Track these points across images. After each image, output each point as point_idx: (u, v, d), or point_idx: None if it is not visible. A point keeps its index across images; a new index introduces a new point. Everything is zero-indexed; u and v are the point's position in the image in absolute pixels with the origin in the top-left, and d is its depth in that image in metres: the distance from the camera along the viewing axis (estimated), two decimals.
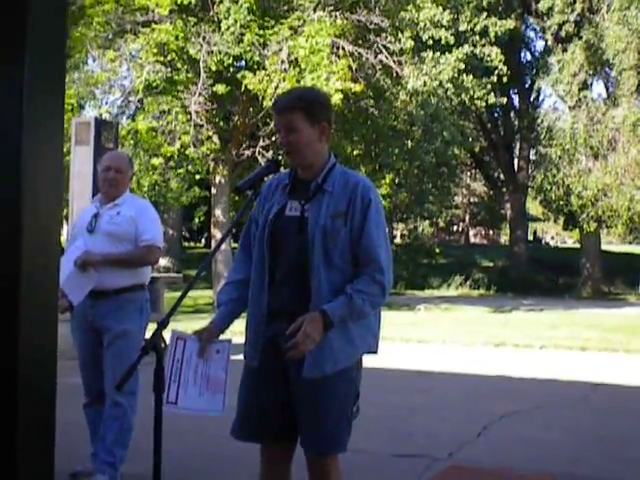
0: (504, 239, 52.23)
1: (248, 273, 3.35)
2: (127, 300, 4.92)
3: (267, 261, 3.25)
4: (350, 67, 16.28)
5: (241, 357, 3.38)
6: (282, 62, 16.26)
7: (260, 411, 3.27)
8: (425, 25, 18.46)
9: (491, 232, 59.61)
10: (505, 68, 19.86)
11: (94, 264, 4.82)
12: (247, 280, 3.34)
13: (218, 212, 19.46)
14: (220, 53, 16.63)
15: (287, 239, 3.24)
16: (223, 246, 17.55)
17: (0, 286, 1.66)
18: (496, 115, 34.35)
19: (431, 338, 13.74)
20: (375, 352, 3.36)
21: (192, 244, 45.71)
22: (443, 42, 18.56)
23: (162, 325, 2.72)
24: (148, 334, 3.25)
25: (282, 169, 3.47)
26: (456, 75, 18.85)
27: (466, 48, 19.55)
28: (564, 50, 27.03)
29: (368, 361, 3.40)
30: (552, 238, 67.09)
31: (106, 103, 20.00)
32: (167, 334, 2.83)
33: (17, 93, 1.66)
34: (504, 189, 36.40)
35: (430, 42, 18.71)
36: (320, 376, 3.17)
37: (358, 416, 3.34)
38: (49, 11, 1.76)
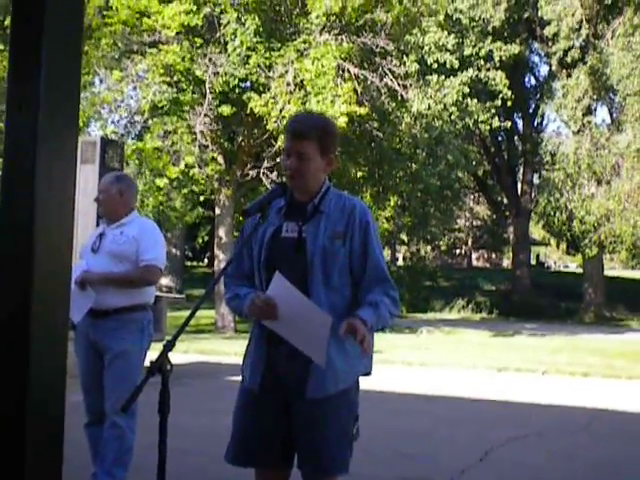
0: (506, 263, 52.25)
1: (248, 284, 3.34)
2: (128, 320, 4.91)
3: (265, 283, 3.23)
4: (355, 90, 16.36)
5: (239, 379, 3.37)
6: (288, 84, 16.33)
7: (258, 436, 3.24)
8: (430, 49, 18.58)
9: (494, 255, 59.60)
10: (509, 92, 19.94)
11: (91, 283, 4.83)
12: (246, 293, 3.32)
13: (222, 232, 19.48)
14: (226, 74, 16.72)
15: (285, 260, 3.21)
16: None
17: (11, 308, 1.68)
18: (500, 139, 34.50)
19: (433, 361, 13.71)
20: (369, 373, 3.36)
21: (195, 263, 45.72)
22: (448, 66, 18.66)
23: (168, 347, 2.71)
24: (152, 355, 3.24)
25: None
26: (460, 99, 18.93)
27: (471, 72, 19.66)
28: (568, 75, 27.15)
29: (370, 384, 3.40)
30: (554, 263, 67.04)
31: (112, 123, 20.10)
32: (175, 356, 2.83)
33: (32, 116, 1.68)
34: (507, 213, 36.49)
35: (435, 66, 18.80)
36: (323, 396, 3.17)
37: (359, 438, 3.33)
38: (65, 32, 1.78)
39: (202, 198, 20.33)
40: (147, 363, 2.95)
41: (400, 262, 41.18)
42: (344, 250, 3.22)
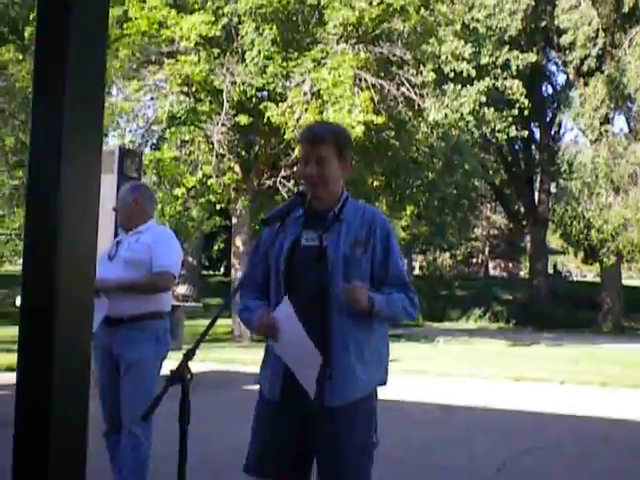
0: (524, 272, 52.03)
1: (258, 297, 3.37)
2: (143, 328, 4.92)
3: (283, 292, 3.23)
4: (372, 99, 16.37)
5: (257, 387, 3.38)
6: (305, 94, 16.37)
7: (277, 447, 3.24)
8: (447, 58, 18.57)
9: (511, 265, 59.32)
10: (526, 101, 19.89)
11: (106, 290, 4.85)
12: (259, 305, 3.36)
13: (238, 241, 19.52)
14: (243, 84, 16.77)
15: (305, 269, 3.23)
16: None
17: (36, 315, 1.70)
18: (517, 148, 34.40)
19: (450, 371, 13.67)
20: (385, 384, 3.38)
21: (211, 272, 45.78)
22: (465, 75, 18.64)
23: (188, 356, 2.73)
24: (170, 364, 3.26)
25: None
26: (477, 108, 18.91)
27: (487, 81, 19.61)
28: (586, 84, 27.08)
29: (386, 393, 3.40)
30: (569, 272, 66.67)
31: (129, 132, 20.20)
32: (191, 365, 2.84)
33: (57, 129, 1.70)
34: (524, 222, 36.37)
35: (452, 75, 18.79)
36: (341, 405, 3.17)
37: (377, 448, 3.34)
38: (90, 43, 1.81)
39: (219, 207, 20.37)
40: (165, 372, 2.97)
41: (417, 271, 41.12)
42: (365, 258, 3.24)
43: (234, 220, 19.95)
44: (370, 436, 3.28)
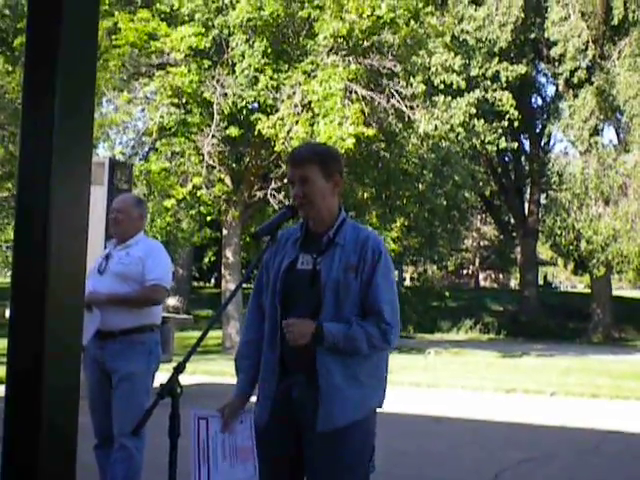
0: (514, 283, 52.15)
1: (262, 328, 3.34)
2: (134, 341, 4.91)
3: (279, 315, 3.23)
4: (363, 111, 16.38)
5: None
6: (295, 106, 16.38)
7: (270, 467, 3.23)
8: (437, 70, 18.61)
9: (501, 276, 59.44)
10: (516, 113, 19.94)
11: (98, 304, 4.83)
12: (262, 338, 3.33)
13: (228, 253, 19.48)
14: (234, 96, 16.78)
15: (299, 293, 3.23)
16: (233, 287, 17.48)
17: (26, 329, 1.69)
18: (507, 159, 34.48)
19: (441, 383, 13.66)
20: (380, 407, 3.33)
21: (202, 284, 45.71)
22: (454, 87, 18.69)
23: (178, 370, 2.72)
24: (162, 376, 3.25)
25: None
26: (467, 119, 18.94)
27: (477, 93, 19.67)
28: (575, 96, 27.17)
29: None
30: (560, 283, 66.83)
31: (119, 143, 20.17)
32: (182, 378, 2.83)
33: (47, 141, 1.70)
34: (514, 233, 36.45)
35: (442, 87, 18.84)
36: (332, 429, 3.14)
37: (373, 472, 3.30)
38: (80, 54, 1.80)
39: (209, 219, 20.34)
40: (156, 385, 2.97)
41: (407, 282, 41.15)
42: (356, 283, 3.20)
43: (224, 232, 19.92)
44: (364, 459, 3.24)
